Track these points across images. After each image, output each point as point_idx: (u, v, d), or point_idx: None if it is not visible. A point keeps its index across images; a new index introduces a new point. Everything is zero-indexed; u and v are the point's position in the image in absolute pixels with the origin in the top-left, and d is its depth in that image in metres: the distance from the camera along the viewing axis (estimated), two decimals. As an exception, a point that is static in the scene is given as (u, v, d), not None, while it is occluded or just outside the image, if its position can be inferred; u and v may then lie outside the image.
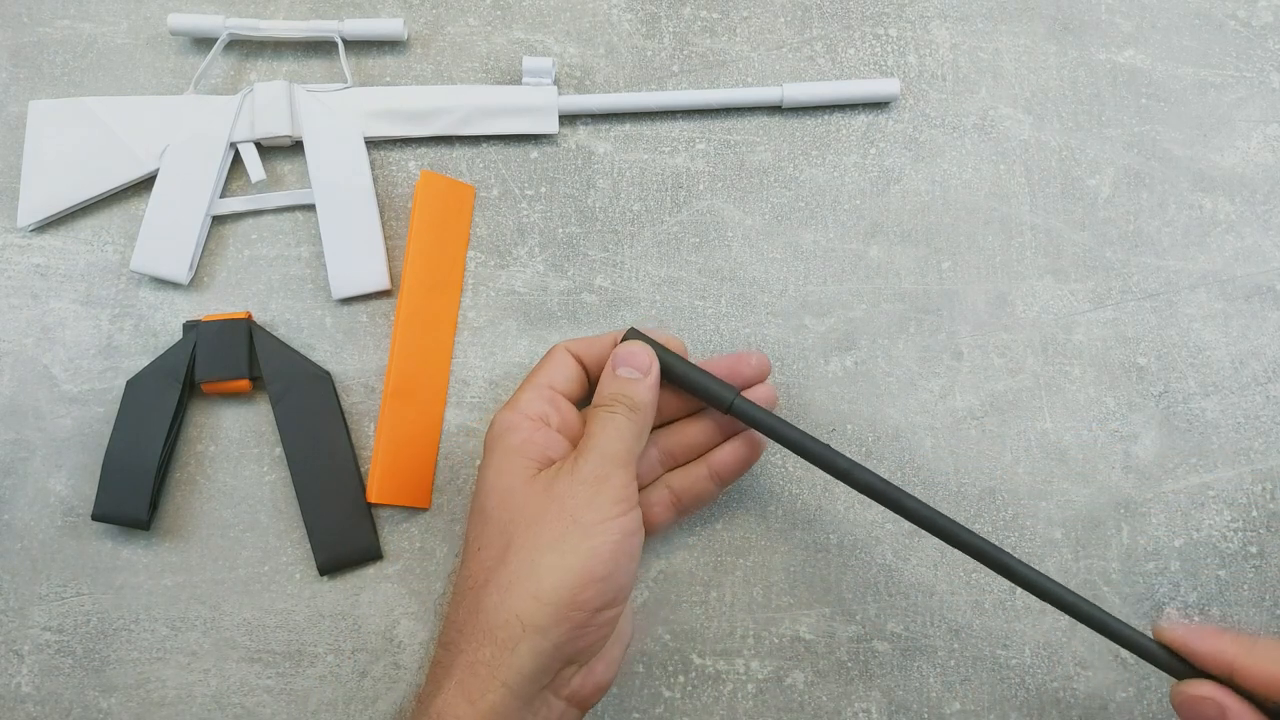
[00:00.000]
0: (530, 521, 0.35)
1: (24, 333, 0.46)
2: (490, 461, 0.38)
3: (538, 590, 0.34)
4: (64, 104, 0.47)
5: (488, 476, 0.37)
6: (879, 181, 0.48)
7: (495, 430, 0.38)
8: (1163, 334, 0.46)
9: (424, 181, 0.46)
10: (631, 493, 0.36)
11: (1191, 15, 0.50)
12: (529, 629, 0.33)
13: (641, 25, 0.50)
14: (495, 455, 0.38)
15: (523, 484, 0.36)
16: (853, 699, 0.42)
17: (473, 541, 0.37)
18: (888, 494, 0.38)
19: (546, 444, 0.38)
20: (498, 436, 0.38)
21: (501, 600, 0.34)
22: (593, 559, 0.34)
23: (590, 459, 0.36)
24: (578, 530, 0.35)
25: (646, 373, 0.39)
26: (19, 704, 0.43)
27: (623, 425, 0.37)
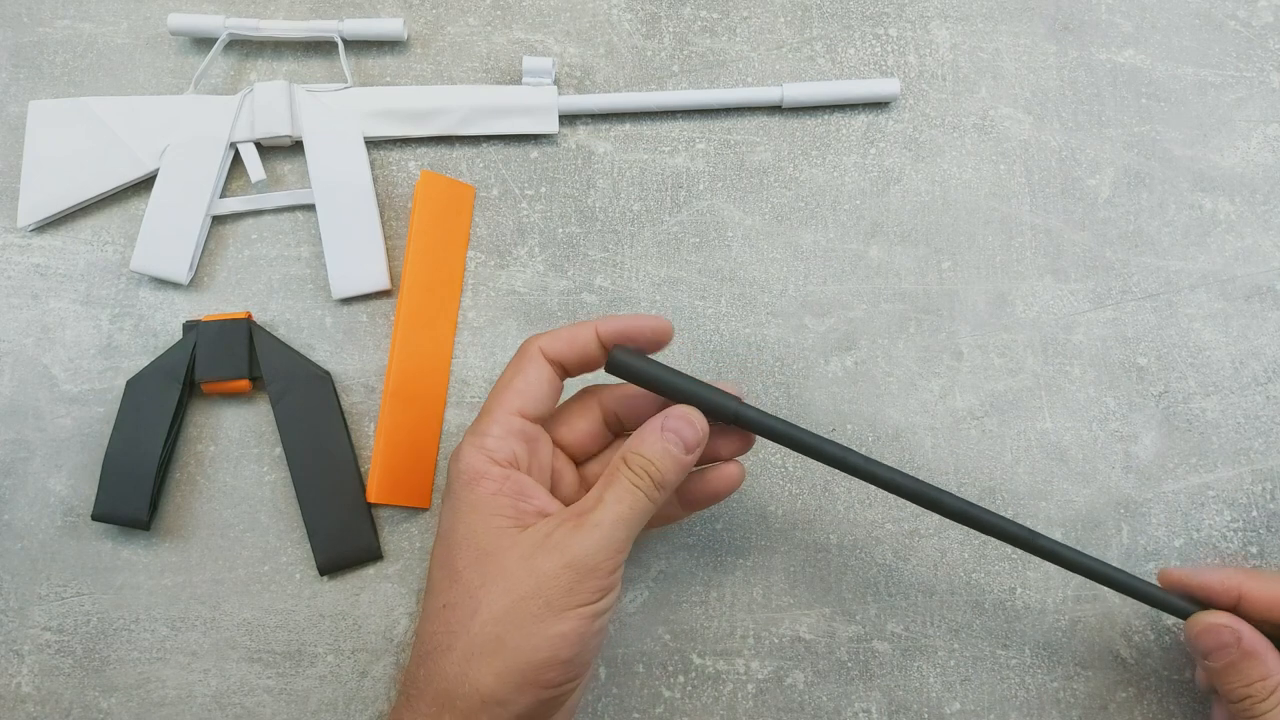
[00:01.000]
0: (502, 593, 0.33)
1: (24, 333, 0.46)
2: (458, 511, 0.35)
3: (501, 668, 0.33)
4: (64, 104, 0.47)
5: (457, 530, 0.35)
6: (879, 181, 0.48)
7: (462, 475, 0.35)
8: (1163, 334, 0.46)
9: (424, 181, 0.46)
10: (617, 577, 0.34)
11: (1191, 15, 0.50)
12: (489, 702, 0.33)
13: (641, 25, 0.50)
14: (463, 507, 0.35)
15: (499, 547, 0.34)
16: (853, 699, 0.42)
17: (438, 595, 0.35)
18: (917, 491, 0.37)
19: (519, 494, 0.35)
20: (466, 484, 0.35)
21: (464, 671, 0.33)
22: (561, 644, 0.33)
23: (587, 542, 0.33)
24: (550, 614, 0.33)
25: (690, 451, 0.35)
26: (19, 704, 0.43)
27: (638, 505, 0.34)
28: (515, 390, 0.36)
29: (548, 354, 0.37)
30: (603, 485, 0.35)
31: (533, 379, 0.36)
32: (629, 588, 0.43)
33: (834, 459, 0.37)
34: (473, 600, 0.33)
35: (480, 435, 0.36)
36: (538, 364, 0.37)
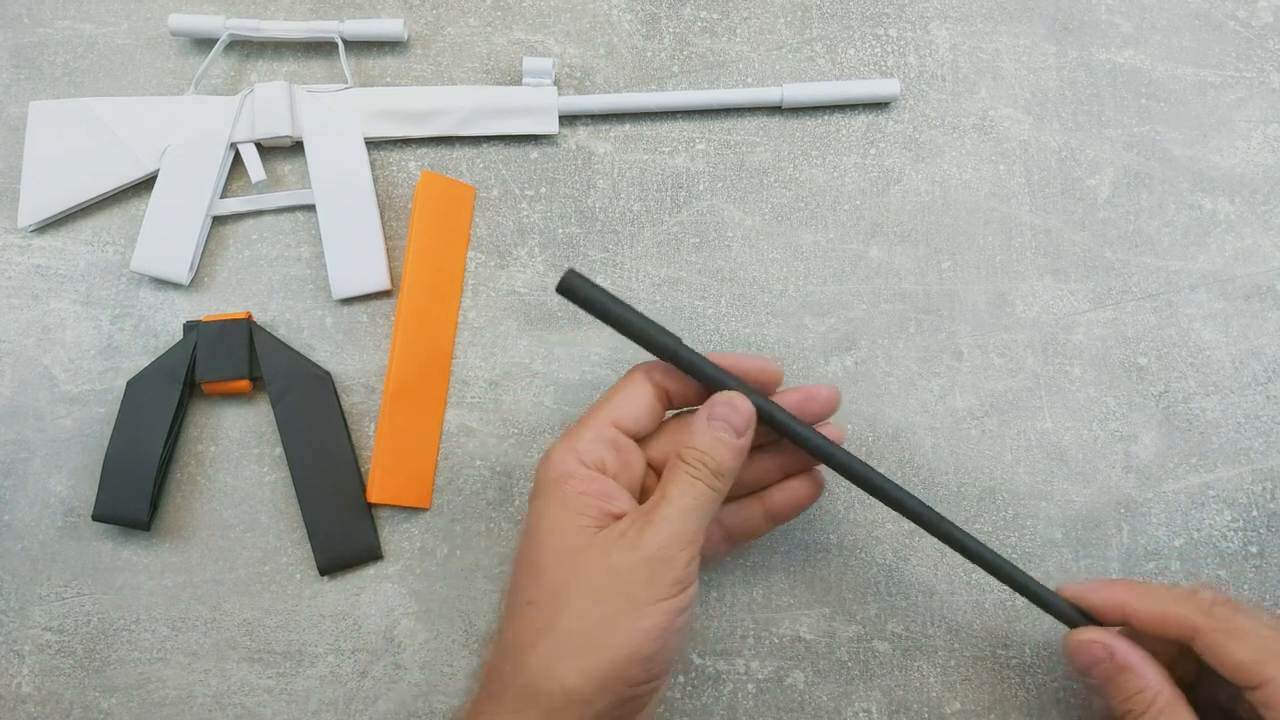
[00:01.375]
0: (585, 591, 0.34)
1: (24, 333, 0.47)
2: (545, 510, 0.36)
3: (585, 665, 0.33)
4: (64, 104, 0.48)
5: (541, 529, 0.35)
6: (879, 181, 0.48)
7: (550, 473, 0.36)
8: (1163, 334, 0.46)
9: (424, 181, 0.46)
10: (693, 570, 0.35)
11: (1191, 15, 0.50)
12: (573, 700, 0.33)
13: (641, 25, 0.50)
14: (551, 505, 0.35)
15: (580, 545, 0.34)
16: (853, 699, 0.42)
17: (523, 592, 0.35)
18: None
19: (604, 496, 0.35)
20: (554, 483, 0.36)
21: (549, 669, 0.33)
22: (644, 639, 0.33)
23: (658, 536, 0.34)
24: (632, 609, 0.33)
25: (741, 434, 0.36)
26: (19, 704, 0.43)
27: (701, 496, 0.35)
28: (614, 405, 0.37)
29: (652, 378, 0.38)
30: (665, 482, 0.35)
31: (634, 397, 0.37)
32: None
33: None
34: (557, 597, 0.34)
35: (572, 439, 0.36)
36: (641, 385, 0.38)
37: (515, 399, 0.46)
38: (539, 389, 0.46)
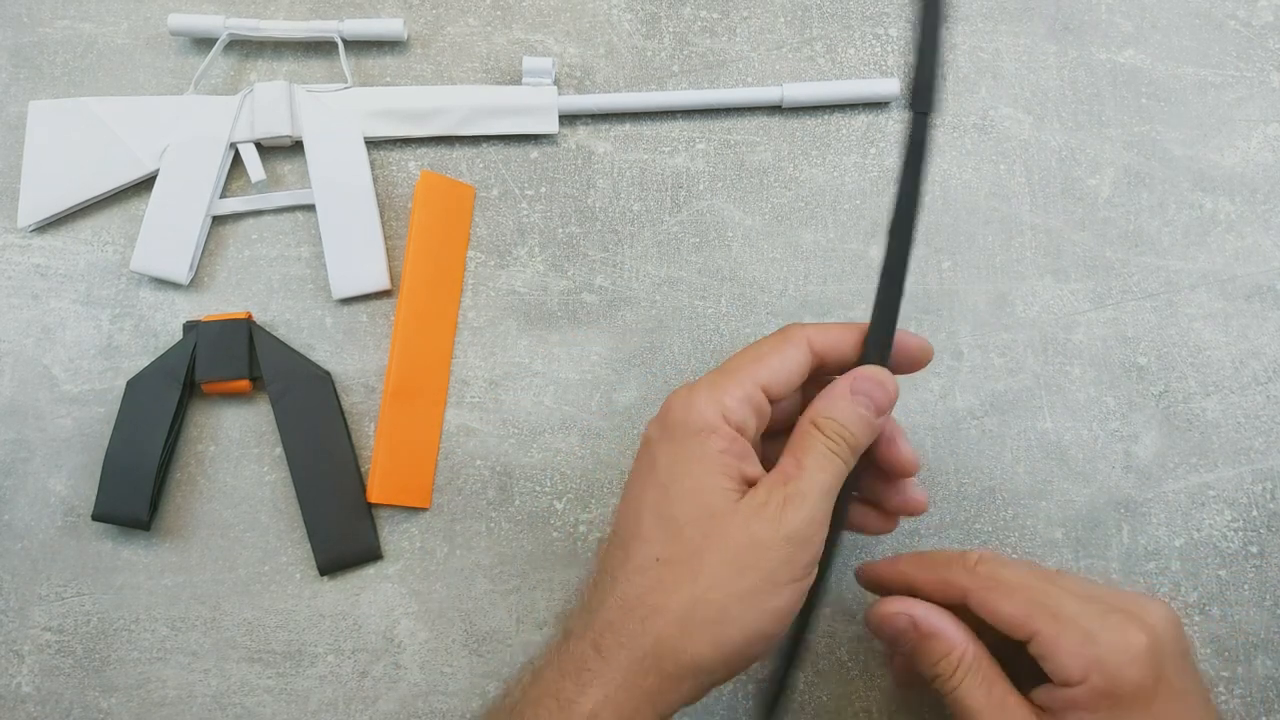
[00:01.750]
0: (725, 560, 0.32)
1: (24, 333, 0.47)
2: (684, 462, 0.33)
3: (720, 638, 0.32)
4: (64, 104, 0.48)
5: (682, 481, 0.33)
6: (879, 181, 0.48)
7: (692, 421, 0.33)
8: (1163, 334, 0.46)
9: (424, 181, 0.46)
10: (819, 552, 0.33)
11: (1191, 15, 0.50)
12: (699, 670, 0.32)
13: (641, 25, 0.50)
14: (691, 458, 0.33)
15: (722, 510, 0.33)
16: (853, 699, 0.42)
17: (651, 545, 0.33)
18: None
19: (742, 457, 0.34)
20: (695, 434, 0.33)
21: (681, 639, 0.32)
22: (774, 620, 0.32)
23: (800, 514, 0.32)
24: (769, 588, 0.32)
25: (880, 414, 0.34)
26: (19, 704, 0.43)
27: (838, 473, 0.34)
28: (769, 365, 0.35)
29: (814, 344, 0.35)
30: (800, 451, 0.34)
31: (790, 360, 0.35)
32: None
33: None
34: (695, 561, 0.32)
35: (719, 391, 0.34)
36: (801, 349, 0.35)
37: (515, 399, 0.46)
38: (539, 389, 0.46)
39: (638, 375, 0.46)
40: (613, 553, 0.34)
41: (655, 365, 0.46)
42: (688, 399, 0.34)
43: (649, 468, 0.34)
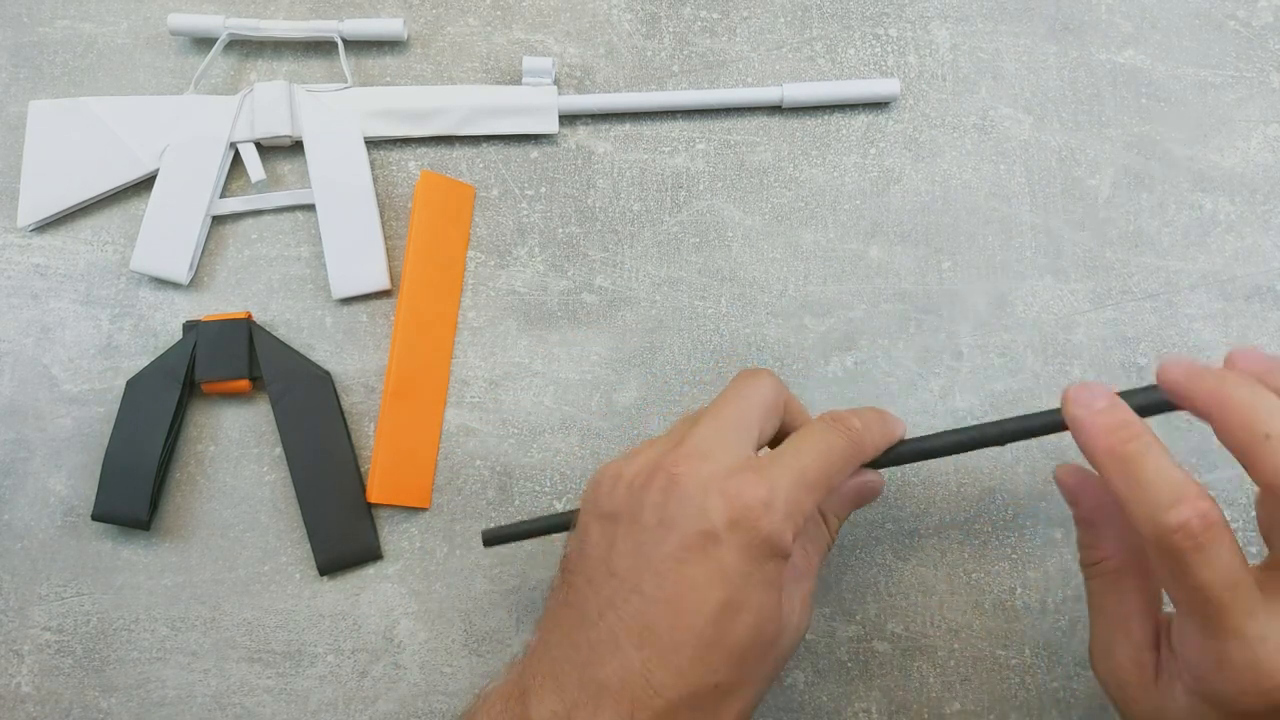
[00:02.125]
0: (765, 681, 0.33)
1: (24, 333, 0.46)
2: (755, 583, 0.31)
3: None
4: (64, 104, 0.48)
5: (750, 604, 0.31)
6: (879, 181, 0.48)
7: (774, 538, 0.31)
8: (1163, 334, 0.46)
9: (424, 181, 0.46)
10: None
11: (1191, 15, 0.50)
12: None
13: (641, 25, 0.50)
14: (761, 582, 0.31)
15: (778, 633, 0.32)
16: (853, 699, 0.42)
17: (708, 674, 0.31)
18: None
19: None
20: (773, 552, 0.31)
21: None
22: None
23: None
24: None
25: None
26: (19, 704, 0.43)
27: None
28: (830, 473, 0.33)
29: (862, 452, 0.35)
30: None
31: (842, 465, 0.34)
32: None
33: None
34: (748, 688, 0.32)
35: (797, 506, 0.32)
36: (849, 456, 0.34)
37: (515, 399, 0.46)
38: (539, 389, 0.46)
39: (638, 375, 0.46)
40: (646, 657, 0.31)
41: (655, 365, 0.46)
42: (768, 504, 0.31)
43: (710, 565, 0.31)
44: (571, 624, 0.33)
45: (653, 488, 0.32)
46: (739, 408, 0.35)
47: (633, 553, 0.32)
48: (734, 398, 0.35)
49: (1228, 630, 0.29)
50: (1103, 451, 0.31)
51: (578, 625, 0.32)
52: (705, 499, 0.31)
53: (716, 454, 0.32)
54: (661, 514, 0.31)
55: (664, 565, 0.31)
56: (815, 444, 0.34)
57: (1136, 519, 0.30)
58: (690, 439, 0.33)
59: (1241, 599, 0.29)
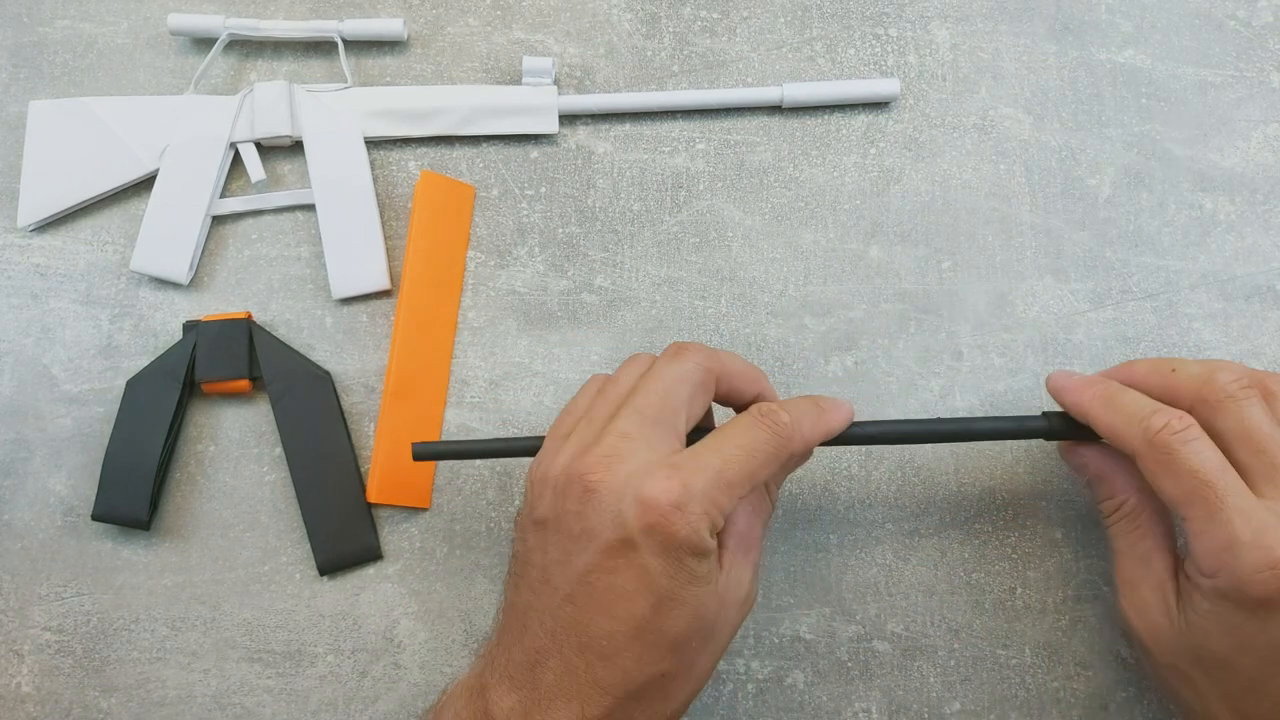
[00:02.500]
0: (712, 658, 0.35)
1: (24, 333, 0.46)
2: (684, 581, 0.32)
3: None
4: (64, 104, 0.48)
5: (691, 600, 0.32)
6: (879, 181, 0.48)
7: (679, 538, 0.31)
8: (1163, 334, 0.46)
9: (424, 181, 0.46)
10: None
11: (1191, 15, 0.50)
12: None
13: (641, 25, 0.50)
14: (688, 578, 0.32)
15: (721, 619, 0.34)
16: (853, 699, 0.42)
17: (654, 664, 0.32)
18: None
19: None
20: (690, 552, 0.31)
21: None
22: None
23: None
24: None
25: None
26: (19, 704, 0.43)
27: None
28: (756, 481, 0.34)
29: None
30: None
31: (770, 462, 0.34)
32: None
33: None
34: (696, 669, 0.34)
35: (712, 506, 0.32)
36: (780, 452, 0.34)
37: (515, 399, 0.46)
38: (539, 389, 0.46)
39: (638, 375, 0.46)
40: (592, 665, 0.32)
41: (655, 365, 0.46)
42: (678, 510, 0.31)
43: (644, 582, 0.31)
44: (518, 627, 0.34)
45: (571, 496, 0.32)
46: (660, 395, 0.34)
47: (563, 563, 0.32)
48: (655, 383, 0.34)
49: (1229, 510, 0.32)
50: (1089, 399, 0.36)
51: (523, 629, 0.33)
52: (620, 505, 0.31)
53: (634, 452, 0.32)
54: (582, 523, 0.32)
55: (591, 576, 0.32)
56: (738, 441, 0.33)
57: (1129, 438, 0.34)
58: (607, 437, 0.33)
59: (1233, 481, 0.33)
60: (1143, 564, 0.36)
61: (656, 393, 0.34)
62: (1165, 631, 0.35)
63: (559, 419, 0.37)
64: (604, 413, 0.35)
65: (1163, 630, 0.35)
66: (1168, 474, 0.33)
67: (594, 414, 0.35)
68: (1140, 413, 0.35)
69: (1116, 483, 0.38)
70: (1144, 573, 0.36)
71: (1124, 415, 0.35)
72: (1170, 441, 0.33)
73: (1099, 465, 0.38)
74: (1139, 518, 0.37)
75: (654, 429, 0.33)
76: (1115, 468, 0.38)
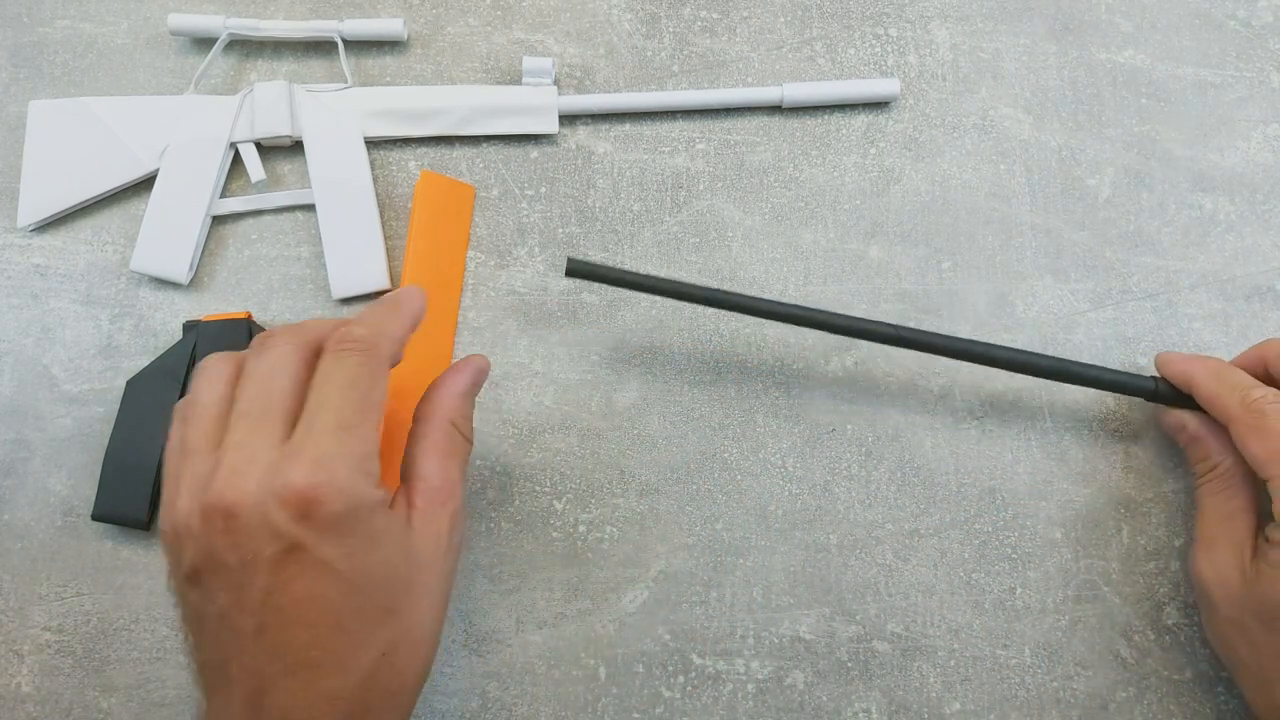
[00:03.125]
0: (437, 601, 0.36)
1: (24, 333, 0.46)
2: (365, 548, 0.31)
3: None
4: (64, 104, 0.47)
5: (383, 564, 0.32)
6: (879, 181, 0.48)
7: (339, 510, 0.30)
8: (1163, 334, 0.46)
9: (424, 181, 0.46)
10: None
11: (1191, 15, 0.50)
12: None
13: (641, 25, 0.50)
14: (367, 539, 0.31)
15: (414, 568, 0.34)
16: (853, 699, 0.42)
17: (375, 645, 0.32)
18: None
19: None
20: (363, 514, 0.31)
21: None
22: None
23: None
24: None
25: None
26: (19, 704, 0.43)
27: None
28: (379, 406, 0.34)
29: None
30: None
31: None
32: (629, 588, 0.43)
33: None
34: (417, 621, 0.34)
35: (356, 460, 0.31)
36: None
37: (515, 399, 0.46)
38: (539, 389, 0.46)
39: (638, 375, 0.46)
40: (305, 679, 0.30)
41: (655, 365, 0.46)
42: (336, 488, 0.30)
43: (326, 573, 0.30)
44: (222, 684, 0.31)
45: (213, 530, 0.30)
46: (259, 392, 0.32)
47: (237, 600, 0.30)
48: (250, 384, 0.32)
49: None
50: (1199, 369, 0.40)
51: (228, 683, 0.31)
52: (266, 514, 0.29)
53: (252, 457, 0.30)
54: (238, 552, 0.30)
55: (273, 598, 0.30)
56: (333, 382, 0.32)
57: (1227, 403, 0.38)
58: (224, 455, 0.31)
59: None
60: (1226, 521, 0.39)
61: (254, 393, 0.32)
62: (1236, 585, 0.38)
63: (165, 466, 0.34)
64: (202, 436, 0.32)
65: (1233, 584, 0.38)
66: (1257, 435, 0.37)
67: (192, 444, 0.32)
68: (1243, 384, 0.39)
69: (1212, 445, 0.40)
70: (1226, 529, 0.39)
71: (1227, 384, 0.39)
72: (1265, 407, 0.37)
73: (1197, 429, 0.41)
74: (1230, 479, 0.40)
75: (263, 425, 0.31)
76: (1211, 432, 0.41)
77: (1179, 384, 0.41)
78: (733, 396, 0.45)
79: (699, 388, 0.46)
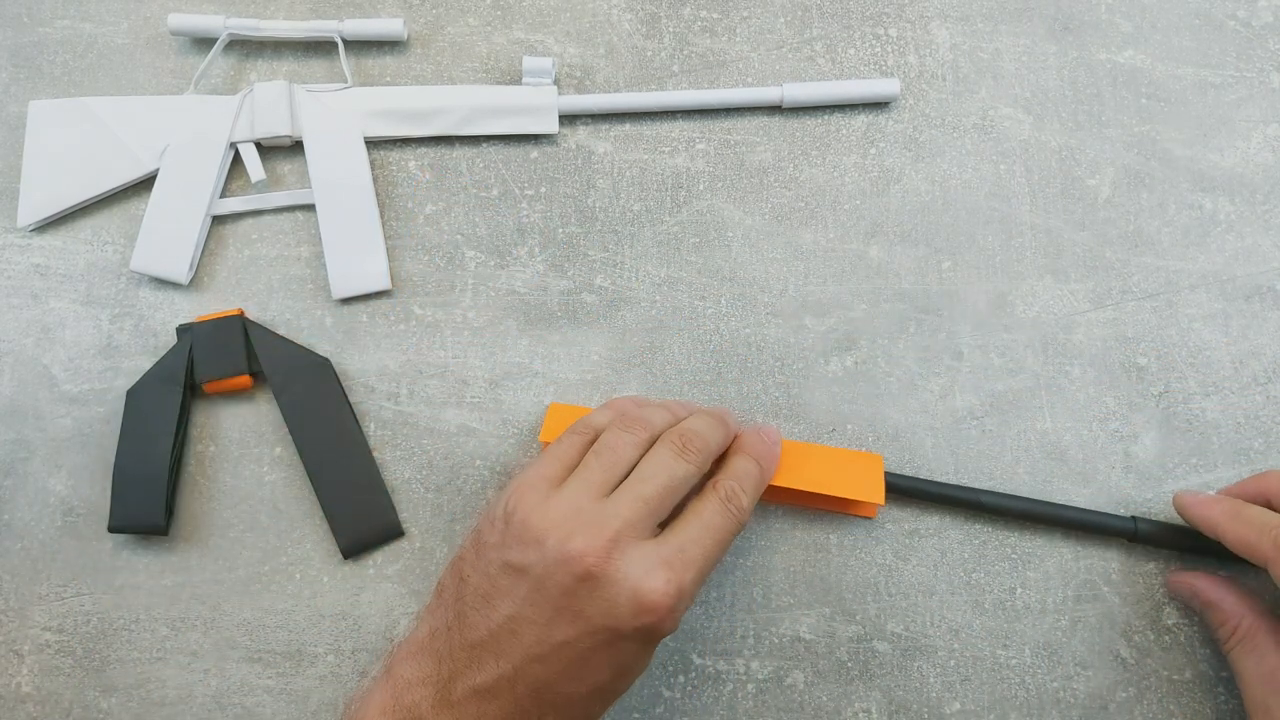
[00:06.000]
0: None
1: (24, 333, 0.46)
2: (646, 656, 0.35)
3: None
4: (64, 104, 0.48)
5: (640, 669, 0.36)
6: (879, 181, 0.48)
7: (664, 632, 0.34)
8: (1163, 334, 0.46)
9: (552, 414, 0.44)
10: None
11: (1191, 15, 0.50)
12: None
13: (641, 25, 0.50)
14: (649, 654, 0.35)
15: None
16: (853, 699, 0.42)
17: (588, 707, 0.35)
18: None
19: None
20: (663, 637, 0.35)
21: None
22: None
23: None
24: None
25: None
26: (19, 704, 0.43)
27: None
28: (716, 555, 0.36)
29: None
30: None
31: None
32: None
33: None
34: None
35: (692, 597, 0.35)
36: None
37: (515, 399, 0.46)
38: (539, 389, 0.46)
39: (638, 375, 0.46)
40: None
41: (655, 365, 0.46)
42: (675, 617, 0.34)
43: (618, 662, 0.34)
44: (466, 653, 0.34)
45: (570, 573, 0.33)
46: (663, 490, 0.36)
47: (539, 624, 0.34)
48: (661, 474, 0.36)
49: None
50: (1218, 514, 0.39)
51: (476, 662, 0.34)
52: (617, 598, 0.33)
53: (634, 544, 0.34)
54: (573, 602, 0.33)
55: (567, 649, 0.33)
56: (714, 535, 0.36)
57: (1260, 546, 0.37)
58: (610, 520, 0.34)
59: None
60: (1269, 682, 0.37)
61: (661, 486, 0.36)
62: None
63: (543, 459, 0.38)
64: (602, 481, 0.36)
65: None
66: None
67: (590, 477, 0.36)
68: (1270, 522, 0.37)
69: (1227, 605, 0.39)
70: (1273, 690, 0.37)
71: (1254, 527, 0.37)
72: None
73: (1209, 591, 0.40)
74: (1256, 637, 0.38)
75: (650, 521, 0.35)
76: (1224, 591, 0.40)
77: (1204, 530, 0.40)
78: (733, 396, 0.45)
79: (699, 388, 0.46)
